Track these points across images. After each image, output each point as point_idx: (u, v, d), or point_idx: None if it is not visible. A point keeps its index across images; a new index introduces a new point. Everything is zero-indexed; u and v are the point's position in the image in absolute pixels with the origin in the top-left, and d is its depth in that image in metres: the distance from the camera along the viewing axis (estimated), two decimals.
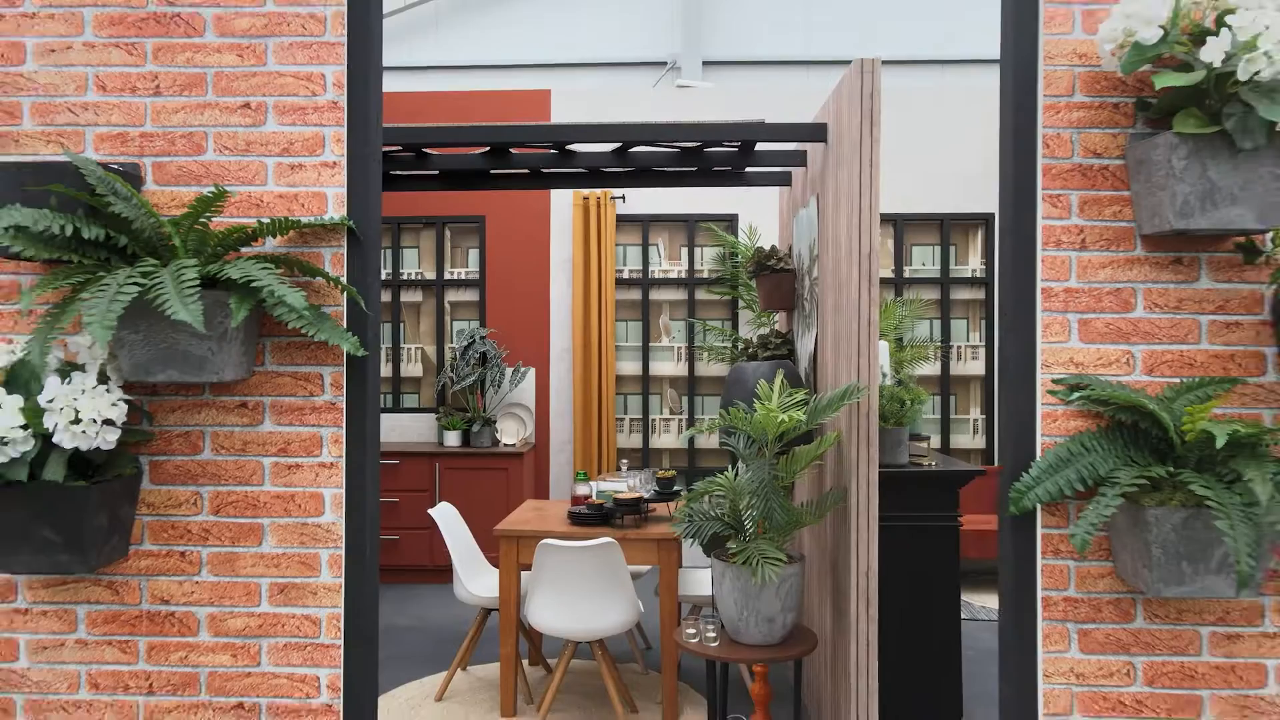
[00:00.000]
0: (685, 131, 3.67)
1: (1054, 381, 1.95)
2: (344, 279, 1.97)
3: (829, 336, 3.58)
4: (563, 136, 3.70)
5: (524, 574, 4.40)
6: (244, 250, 1.96)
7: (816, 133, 3.66)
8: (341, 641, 1.95)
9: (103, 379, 1.80)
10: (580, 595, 3.65)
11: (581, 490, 4.24)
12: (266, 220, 1.82)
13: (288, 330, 1.97)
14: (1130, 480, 1.72)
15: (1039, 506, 1.94)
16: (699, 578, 4.39)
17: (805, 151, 4.16)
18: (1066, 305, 1.93)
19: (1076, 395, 1.87)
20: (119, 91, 1.96)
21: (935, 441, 6.51)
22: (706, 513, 3.30)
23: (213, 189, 1.75)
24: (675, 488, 4.19)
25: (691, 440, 6.59)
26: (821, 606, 3.70)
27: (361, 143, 1.97)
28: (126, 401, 1.81)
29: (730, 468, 3.45)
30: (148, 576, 1.97)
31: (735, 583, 3.16)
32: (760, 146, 6.33)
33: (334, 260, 1.97)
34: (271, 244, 1.97)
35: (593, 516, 4.01)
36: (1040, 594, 1.92)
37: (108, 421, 1.73)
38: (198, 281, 1.64)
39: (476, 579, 4.33)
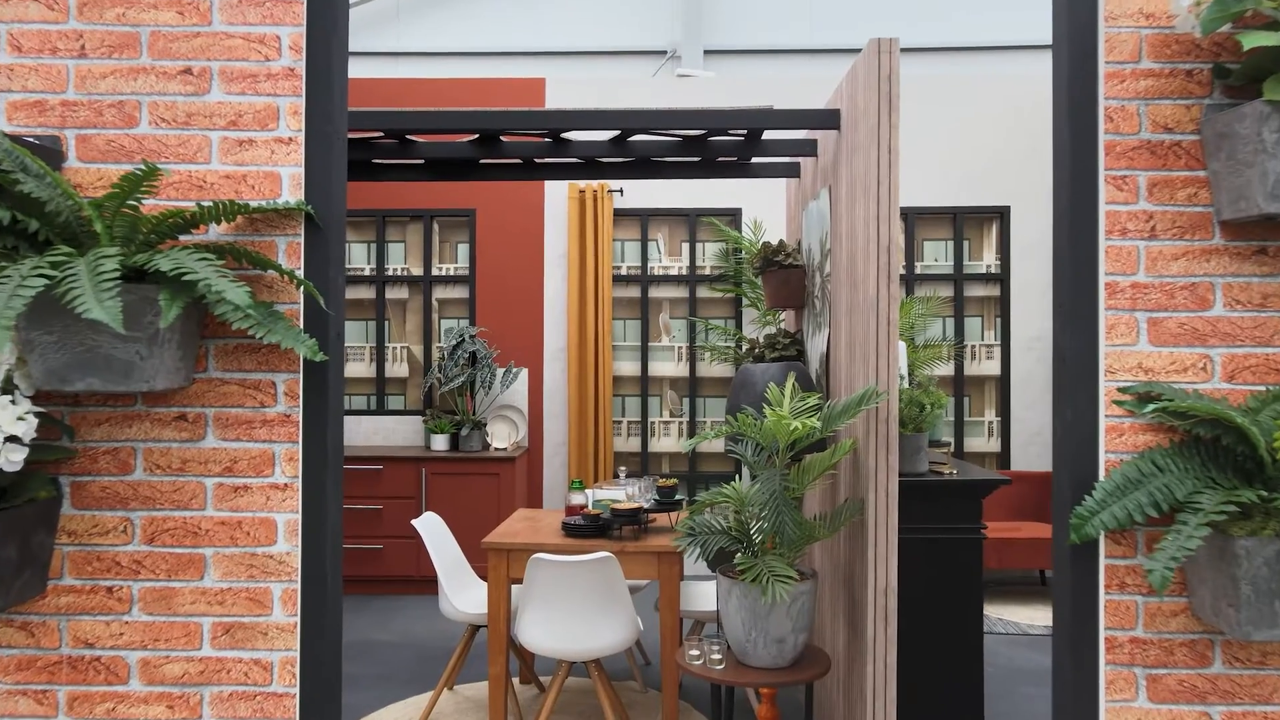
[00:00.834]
0: (688, 118, 3.41)
1: (1120, 390, 1.69)
2: (300, 272, 1.70)
3: (843, 336, 3.33)
4: (557, 123, 3.44)
5: (515, 588, 4.16)
6: (184, 239, 1.70)
7: (828, 119, 3.40)
8: (297, 690, 1.68)
9: (8, 388, 1.53)
10: (574, 613, 3.39)
11: (576, 499, 3.98)
12: (209, 204, 1.56)
13: (234, 331, 1.70)
14: (1216, 506, 1.47)
15: (1103, 534, 1.69)
16: (702, 592, 4.13)
17: (815, 140, 3.90)
18: (1134, 303, 1.67)
19: (1152, 407, 1.60)
20: (37, 52, 1.68)
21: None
22: (711, 525, 3.05)
23: (142, 166, 1.49)
24: (677, 497, 3.93)
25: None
26: (834, 623, 3.45)
27: (322, 116, 1.71)
28: (38, 414, 1.55)
29: (738, 477, 3.20)
30: (68, 616, 1.70)
31: (742, 601, 2.92)
32: (767, 135, 6.09)
33: (289, 251, 1.71)
34: (216, 231, 1.71)
35: (588, 528, 3.75)
36: (1103, 634, 1.67)
37: (11, 438, 1.47)
38: (118, 274, 1.37)
39: (463, 593, 4.07)
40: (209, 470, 1.70)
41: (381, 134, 3.77)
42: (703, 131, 3.72)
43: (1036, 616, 5.23)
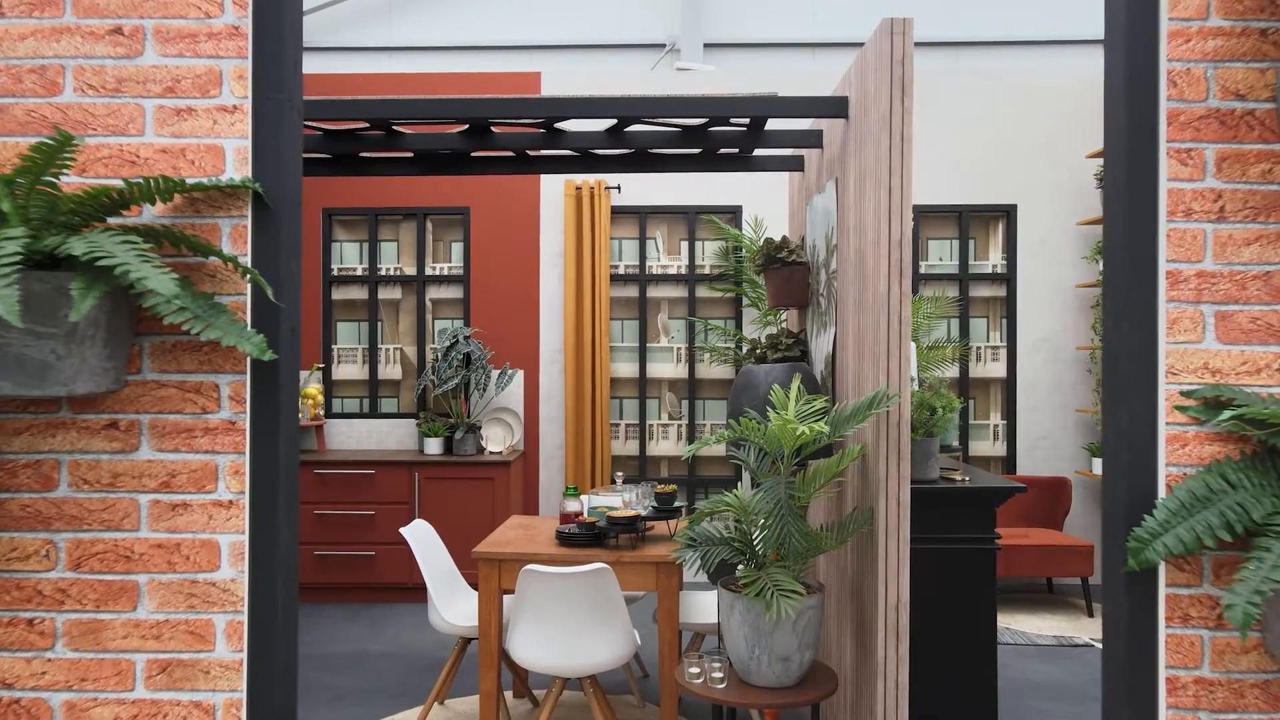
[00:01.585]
0: (688, 106, 3.21)
1: (1184, 394, 1.48)
2: (246, 259, 1.50)
3: (850, 336, 3.12)
4: (551, 111, 3.24)
5: (509, 599, 3.95)
6: (114, 221, 1.49)
7: (836, 107, 3.20)
8: None
9: None
10: (568, 627, 3.18)
11: (571, 507, 3.77)
12: (139, 181, 1.36)
13: (171, 328, 1.49)
14: None
15: (1164, 560, 1.48)
16: (702, 603, 3.93)
17: (821, 131, 3.70)
18: (1199, 294, 1.46)
19: (1228, 414, 1.39)
20: None
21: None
22: (712, 535, 2.84)
23: (56, 136, 1.27)
24: (676, 504, 3.72)
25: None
26: (841, 638, 3.25)
27: (273, 83, 1.50)
28: None
29: (739, 483, 2.99)
30: None
31: (745, 616, 2.73)
32: (771, 126, 5.90)
33: (235, 234, 1.50)
34: (151, 213, 1.50)
35: (583, 537, 3.55)
36: (1163, 673, 1.46)
37: None
38: (18, 258, 1.18)
39: (454, 604, 3.87)
40: (143, 486, 1.49)
41: (367, 124, 3.57)
42: (703, 121, 3.52)
43: (1044, 626, 5.03)
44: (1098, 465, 5.65)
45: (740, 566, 2.82)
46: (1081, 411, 5.86)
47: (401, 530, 3.75)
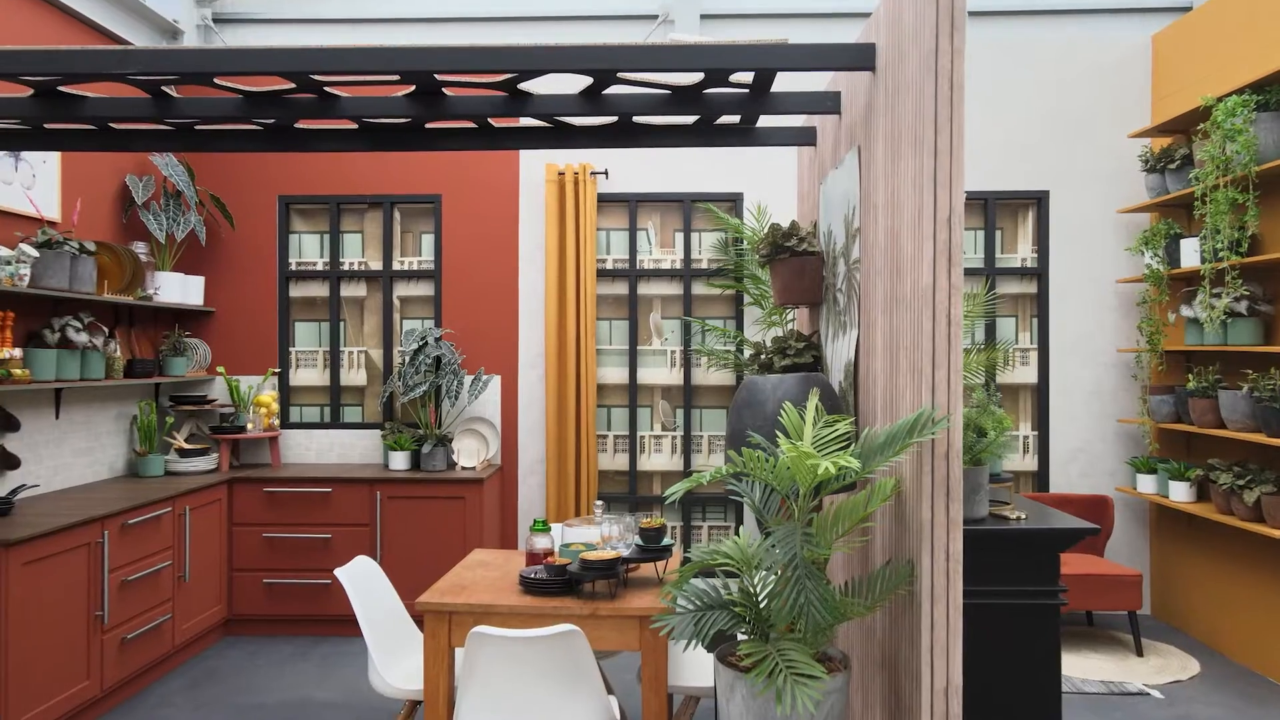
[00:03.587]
0: (678, 57, 2.62)
1: None
2: None
3: (878, 340, 2.53)
4: (513, 63, 2.65)
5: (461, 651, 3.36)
6: None
7: (859, 56, 2.61)
8: None
9: None
10: (529, 699, 2.59)
11: (540, 544, 3.18)
12: None
13: None
14: None
15: None
16: (696, 660, 3.33)
17: (838, 93, 3.10)
18: None
19: None
20: None
21: None
22: (707, 595, 2.24)
23: None
24: (665, 541, 3.12)
25: (687, 460, 5.52)
26: (867, 714, 2.65)
27: None
28: None
29: (744, 506, 2.38)
30: None
31: (749, 703, 2.16)
32: (780, 85, 5.27)
33: None
34: None
35: (553, 584, 2.95)
36: None
37: None
38: None
39: (402, 658, 3.27)
40: None
41: (292, 85, 2.97)
42: (697, 80, 2.92)
43: (1089, 668, 4.42)
44: (1143, 482, 5.03)
45: (743, 637, 2.22)
46: (1125, 422, 5.24)
47: (336, 572, 3.15)
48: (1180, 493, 4.76)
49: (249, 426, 5.29)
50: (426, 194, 5.56)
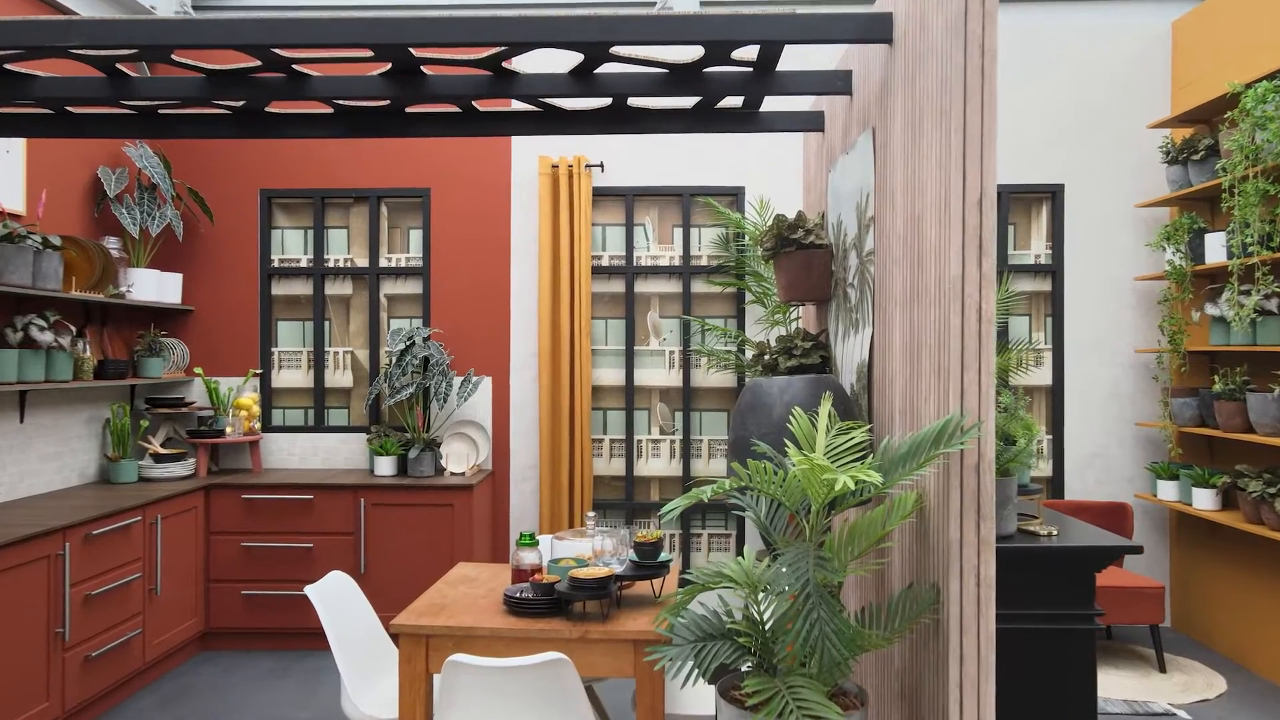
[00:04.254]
0: (675, 28, 2.39)
1: None
2: None
3: (896, 338, 2.30)
4: (496, 34, 2.42)
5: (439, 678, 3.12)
6: None
7: (875, 27, 2.38)
8: None
9: None
10: None
11: (528, 560, 2.94)
12: None
13: None
14: None
15: None
16: (695, 687, 3.08)
17: (849, 72, 2.87)
18: None
19: None
20: None
21: None
22: (708, 624, 2.01)
23: None
24: (662, 557, 2.88)
25: (686, 465, 5.28)
26: None
27: None
28: None
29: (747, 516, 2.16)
30: None
31: None
32: (785, 64, 5.03)
33: None
34: None
35: (539, 604, 2.72)
36: None
37: None
38: None
39: (379, 683, 3.04)
40: None
41: (258, 63, 2.74)
42: (697, 58, 2.69)
43: (1111, 685, 4.19)
44: (1164, 488, 4.79)
45: (748, 672, 1.99)
46: (1144, 425, 5.01)
47: (307, 590, 2.91)
48: (1205, 500, 4.52)
49: (228, 430, 5.06)
50: (415, 188, 5.33)
